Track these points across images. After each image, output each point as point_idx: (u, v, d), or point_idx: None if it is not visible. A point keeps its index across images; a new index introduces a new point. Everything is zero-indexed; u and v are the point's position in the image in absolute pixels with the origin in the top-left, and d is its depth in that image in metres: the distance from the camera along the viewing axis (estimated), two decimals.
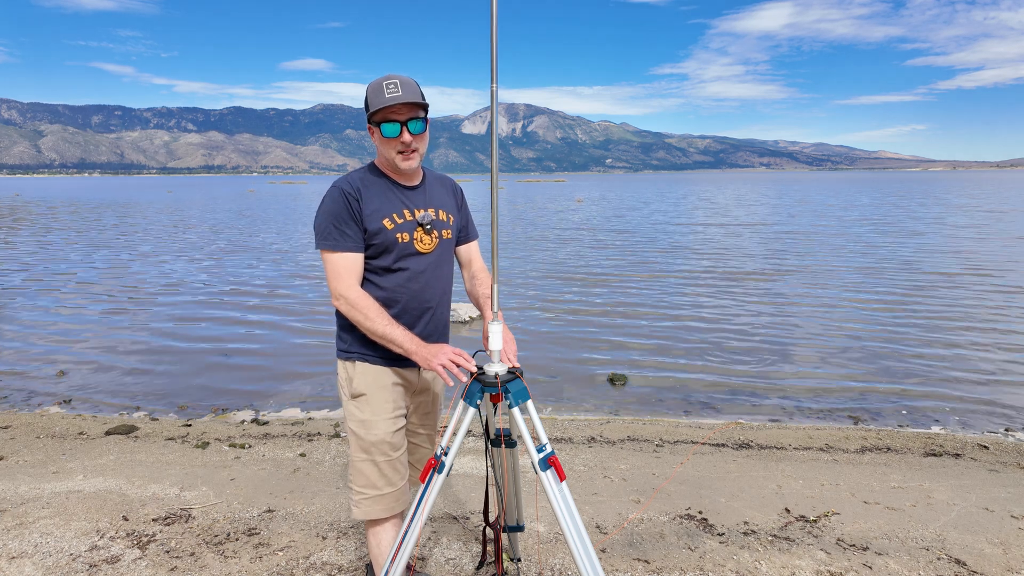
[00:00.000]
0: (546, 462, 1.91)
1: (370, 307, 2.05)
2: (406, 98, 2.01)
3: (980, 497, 3.72)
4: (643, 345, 8.11)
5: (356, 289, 2.07)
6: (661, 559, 2.97)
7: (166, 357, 7.66)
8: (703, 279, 12.89)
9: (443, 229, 2.23)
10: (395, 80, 2.03)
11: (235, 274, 13.94)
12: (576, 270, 14.26)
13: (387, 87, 2.02)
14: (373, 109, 2.04)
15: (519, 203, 46.30)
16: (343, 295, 2.07)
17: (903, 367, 7.05)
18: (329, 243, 2.07)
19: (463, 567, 2.88)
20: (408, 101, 2.01)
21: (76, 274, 13.88)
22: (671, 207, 39.95)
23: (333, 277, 2.08)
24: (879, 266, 14.21)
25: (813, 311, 9.84)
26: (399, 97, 2.01)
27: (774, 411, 5.86)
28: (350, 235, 2.07)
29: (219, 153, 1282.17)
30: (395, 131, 2.04)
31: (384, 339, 2.04)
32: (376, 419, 2.16)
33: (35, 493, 3.70)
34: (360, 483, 2.20)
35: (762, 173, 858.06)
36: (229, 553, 3.01)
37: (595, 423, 5.35)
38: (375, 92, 2.04)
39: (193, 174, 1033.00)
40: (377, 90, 2.04)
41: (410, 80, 2.06)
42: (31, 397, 6.27)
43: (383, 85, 2.03)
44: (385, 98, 2.01)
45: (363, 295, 2.06)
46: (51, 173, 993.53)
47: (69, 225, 27.21)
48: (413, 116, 2.06)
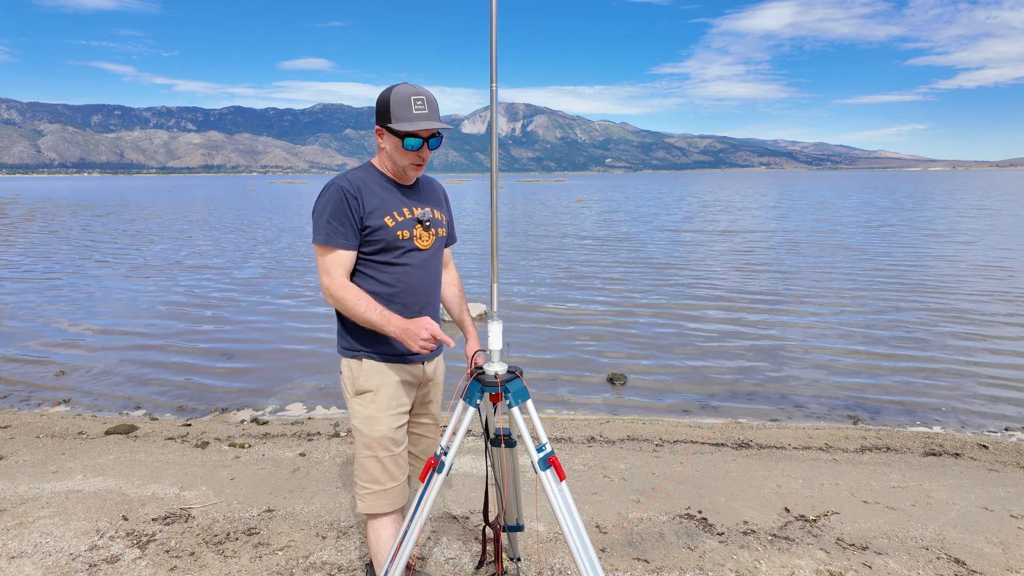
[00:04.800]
0: (546, 462, 1.92)
1: (350, 294, 2.11)
2: (434, 124, 2.09)
3: (980, 497, 3.72)
4: (643, 345, 8.11)
5: (340, 281, 2.13)
6: (661, 559, 2.98)
7: (166, 356, 7.65)
8: (704, 279, 12.89)
9: (439, 227, 2.32)
10: (423, 97, 2.09)
11: (235, 273, 13.94)
12: (576, 270, 14.26)
13: (415, 103, 2.07)
14: (398, 123, 2.08)
15: (518, 204, 46.32)
16: (328, 287, 2.14)
17: (903, 366, 7.05)
18: (322, 238, 2.13)
19: (463, 566, 2.88)
20: (437, 127, 2.09)
21: (76, 274, 13.88)
22: (672, 207, 39.94)
23: (323, 271, 2.15)
24: (879, 266, 14.21)
25: (813, 311, 9.84)
26: (428, 124, 2.08)
27: (774, 411, 5.86)
28: (344, 233, 2.12)
29: (219, 153, 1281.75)
30: (417, 146, 2.11)
31: (366, 323, 2.11)
32: (380, 415, 2.21)
33: (35, 493, 3.70)
34: (364, 479, 2.25)
35: (762, 173, 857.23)
36: (229, 553, 3.02)
37: (595, 423, 5.35)
38: (401, 105, 2.08)
39: (193, 174, 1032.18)
40: (404, 104, 2.08)
41: (434, 98, 2.12)
42: (31, 397, 6.26)
43: (411, 101, 2.08)
44: (413, 115, 2.07)
45: (345, 285, 2.12)
46: (50, 173, 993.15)
47: (68, 226, 27.20)
48: (434, 134, 2.13)
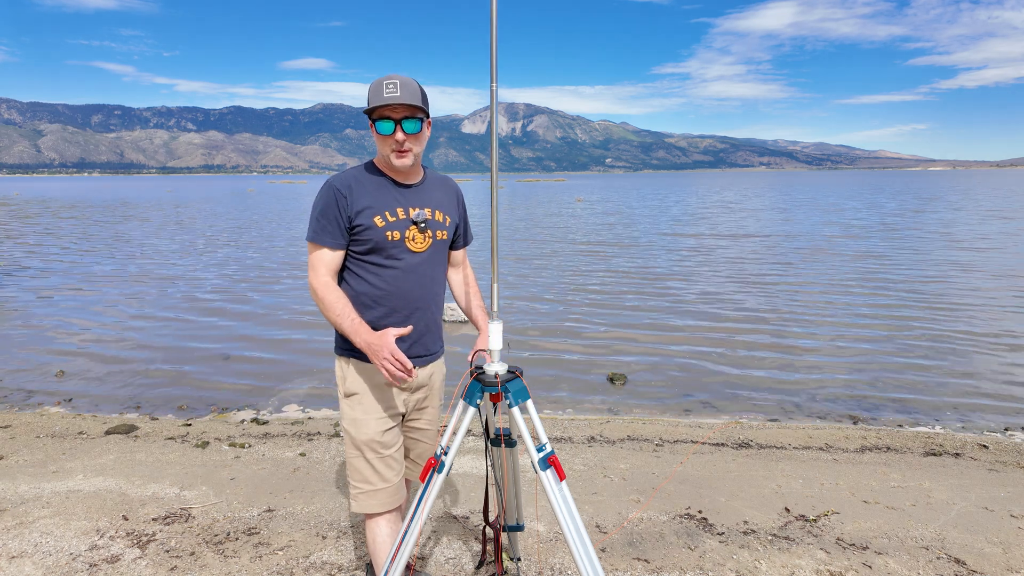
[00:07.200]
0: (546, 461, 1.92)
1: (330, 295, 2.10)
2: (403, 99, 2.04)
3: (980, 496, 3.72)
4: (643, 345, 8.10)
5: (323, 280, 2.12)
6: (661, 558, 2.98)
7: (166, 356, 7.65)
8: (704, 279, 12.89)
9: (438, 229, 2.25)
10: (395, 80, 2.06)
11: (235, 273, 13.93)
12: (576, 269, 14.26)
13: (387, 86, 2.06)
14: (371, 106, 2.08)
15: (518, 205, 46.29)
16: (311, 284, 2.15)
17: (903, 366, 7.05)
18: (311, 235, 2.15)
19: (463, 566, 2.88)
20: (405, 102, 2.04)
21: (77, 273, 13.88)
22: (671, 208, 39.93)
23: (310, 268, 2.17)
24: (879, 266, 14.21)
25: (813, 311, 9.84)
26: (396, 97, 2.04)
27: (774, 410, 5.86)
28: (332, 231, 2.12)
29: (219, 152, 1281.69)
30: (389, 129, 2.08)
31: (337, 327, 2.10)
32: (367, 418, 2.20)
33: (35, 493, 3.70)
34: (356, 478, 2.25)
35: (762, 173, 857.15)
36: (229, 552, 3.02)
37: (595, 423, 5.35)
38: (375, 90, 2.08)
39: (193, 173, 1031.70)
40: (377, 88, 2.07)
41: (412, 82, 2.09)
42: (31, 396, 6.26)
43: (383, 84, 2.07)
44: (383, 97, 2.05)
45: (327, 284, 2.12)
46: (50, 173, 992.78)
47: (69, 225, 27.20)
48: (409, 116, 2.09)
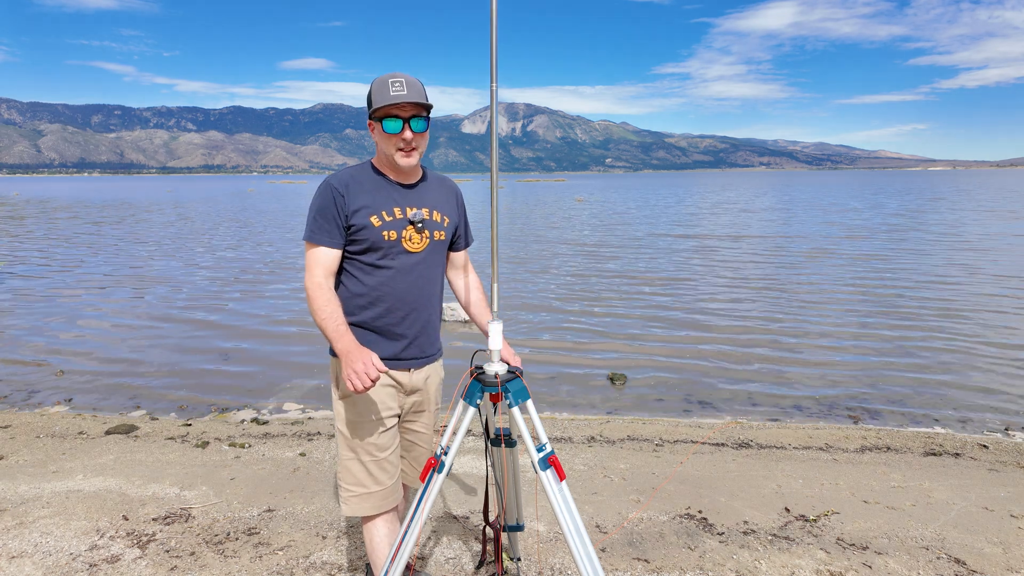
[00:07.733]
0: (546, 461, 1.92)
1: (320, 295, 2.07)
2: (410, 97, 2.03)
3: (980, 496, 3.72)
4: (643, 344, 8.10)
5: (316, 280, 2.10)
6: (661, 558, 2.98)
7: (166, 356, 7.65)
8: (705, 279, 12.89)
9: (436, 230, 2.22)
10: (401, 79, 2.05)
11: (236, 273, 13.93)
12: (576, 269, 14.26)
13: (392, 84, 2.04)
14: (377, 105, 2.05)
15: (518, 205, 46.29)
16: (305, 283, 2.13)
17: (903, 366, 7.05)
18: (308, 234, 2.13)
19: (463, 566, 2.88)
20: (412, 101, 2.03)
21: (77, 273, 13.87)
22: (672, 208, 39.91)
23: (306, 268, 2.15)
24: (879, 266, 14.21)
25: (813, 311, 9.84)
26: (404, 96, 2.02)
27: (774, 410, 5.86)
28: (328, 231, 2.10)
29: (219, 152, 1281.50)
30: (397, 127, 2.05)
31: (321, 330, 2.07)
32: (362, 420, 2.17)
33: (35, 493, 3.70)
34: (348, 481, 2.21)
35: (762, 173, 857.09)
36: (229, 552, 3.02)
37: (595, 422, 5.35)
38: (380, 89, 2.05)
39: (193, 173, 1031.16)
40: (382, 87, 2.05)
41: (416, 80, 2.08)
42: (31, 396, 6.26)
43: (389, 82, 2.04)
44: (390, 95, 2.03)
45: (319, 285, 2.09)
46: (51, 173, 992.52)
47: (68, 225, 27.19)
48: (416, 114, 2.07)
